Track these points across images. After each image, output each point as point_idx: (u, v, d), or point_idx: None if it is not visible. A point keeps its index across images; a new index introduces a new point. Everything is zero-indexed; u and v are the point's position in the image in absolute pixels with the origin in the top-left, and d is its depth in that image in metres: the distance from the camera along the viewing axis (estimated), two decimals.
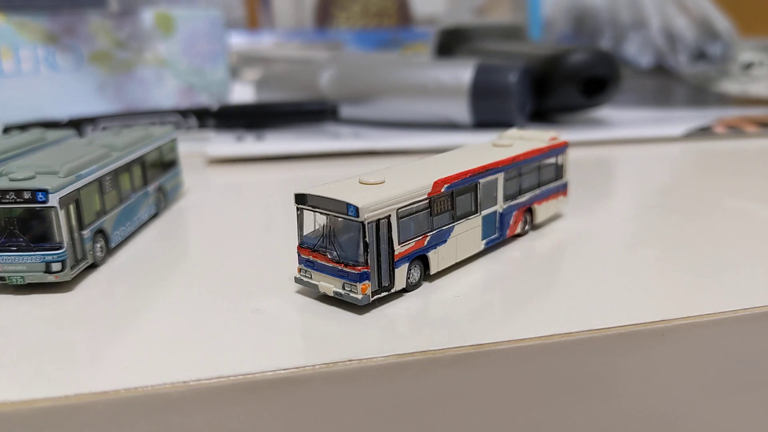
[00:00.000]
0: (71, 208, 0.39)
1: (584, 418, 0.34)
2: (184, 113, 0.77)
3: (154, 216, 0.52)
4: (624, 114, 0.89)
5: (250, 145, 0.72)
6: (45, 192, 0.37)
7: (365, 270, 0.34)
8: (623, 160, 0.70)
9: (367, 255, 0.34)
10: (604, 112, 0.89)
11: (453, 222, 0.39)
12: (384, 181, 0.37)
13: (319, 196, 0.36)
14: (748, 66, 1.25)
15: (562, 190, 0.49)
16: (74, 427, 0.28)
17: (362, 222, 0.34)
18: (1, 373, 0.30)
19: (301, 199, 0.37)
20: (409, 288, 0.37)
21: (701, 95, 1.05)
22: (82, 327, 0.35)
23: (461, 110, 0.76)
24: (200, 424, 0.29)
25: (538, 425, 0.34)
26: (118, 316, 0.36)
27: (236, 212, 0.54)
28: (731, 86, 1.11)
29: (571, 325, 0.33)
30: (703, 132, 0.78)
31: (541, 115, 0.82)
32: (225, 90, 0.96)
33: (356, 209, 0.34)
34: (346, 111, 0.80)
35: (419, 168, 0.41)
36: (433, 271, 0.39)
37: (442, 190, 0.38)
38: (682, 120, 0.83)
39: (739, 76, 1.19)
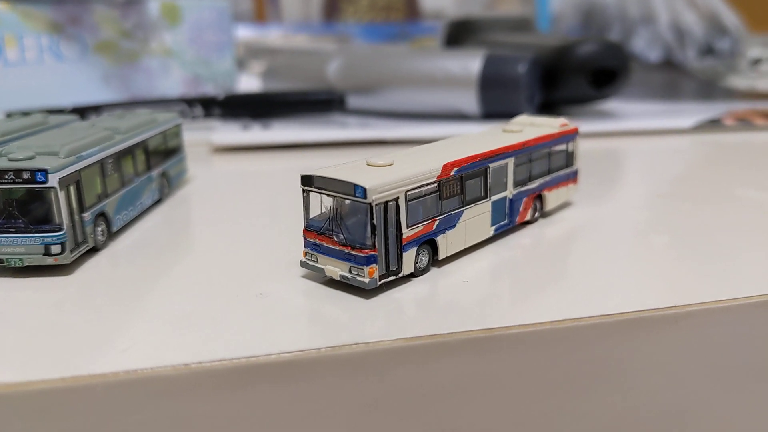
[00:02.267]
0: (72, 189, 0.38)
1: (595, 403, 0.33)
2: (190, 102, 0.76)
3: (158, 202, 0.51)
4: (632, 106, 0.88)
5: (256, 133, 0.72)
6: (44, 172, 0.36)
7: (373, 253, 0.34)
8: (633, 151, 0.69)
9: (374, 238, 0.34)
10: (613, 104, 0.88)
11: (462, 207, 0.39)
12: (392, 164, 0.36)
13: (325, 177, 0.35)
14: (757, 62, 1.24)
15: (573, 177, 0.48)
16: (72, 410, 0.28)
17: (370, 204, 0.33)
18: None
19: (307, 180, 0.36)
20: (417, 273, 0.36)
21: (710, 90, 1.04)
22: (82, 310, 0.34)
23: (470, 101, 0.75)
24: (201, 408, 0.29)
25: (548, 411, 0.33)
26: (119, 300, 0.35)
27: (241, 199, 0.53)
28: (739, 82, 1.10)
29: (582, 311, 0.32)
30: (713, 124, 0.77)
31: (549, 106, 0.81)
32: (232, 81, 0.96)
33: (364, 190, 0.33)
34: (353, 101, 0.80)
35: (428, 151, 0.40)
36: (441, 256, 0.38)
37: (452, 173, 0.37)
38: (691, 112, 0.82)
39: (747, 71, 1.18)
